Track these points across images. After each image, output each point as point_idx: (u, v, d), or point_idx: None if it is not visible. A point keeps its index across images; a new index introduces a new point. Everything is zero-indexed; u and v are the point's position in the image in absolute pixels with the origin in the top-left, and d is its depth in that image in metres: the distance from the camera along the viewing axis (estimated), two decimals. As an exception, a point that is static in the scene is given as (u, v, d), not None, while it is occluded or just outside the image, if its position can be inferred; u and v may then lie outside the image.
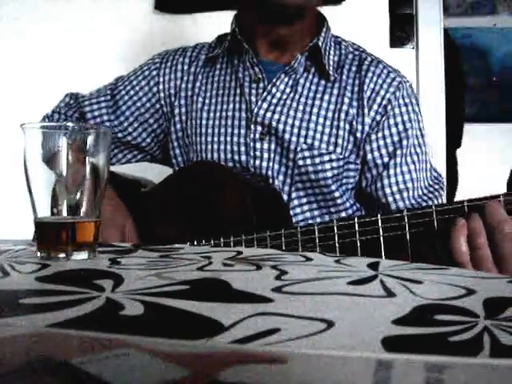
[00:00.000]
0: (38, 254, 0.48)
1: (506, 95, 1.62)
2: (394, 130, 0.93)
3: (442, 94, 1.61)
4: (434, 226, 0.67)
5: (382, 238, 0.70)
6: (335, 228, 0.73)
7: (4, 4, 1.56)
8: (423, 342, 0.25)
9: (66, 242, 0.48)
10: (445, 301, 0.32)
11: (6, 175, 1.41)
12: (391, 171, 0.92)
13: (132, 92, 1.03)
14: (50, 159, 0.50)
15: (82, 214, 0.50)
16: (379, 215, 0.71)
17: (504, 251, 0.62)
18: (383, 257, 0.70)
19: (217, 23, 1.51)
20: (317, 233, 0.73)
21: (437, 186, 0.96)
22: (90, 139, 0.50)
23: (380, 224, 0.70)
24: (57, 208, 0.49)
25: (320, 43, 0.94)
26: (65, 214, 0.49)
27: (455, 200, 0.69)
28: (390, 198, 0.92)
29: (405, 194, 0.92)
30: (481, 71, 1.62)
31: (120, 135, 1.04)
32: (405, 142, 0.93)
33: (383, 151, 0.93)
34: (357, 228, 0.71)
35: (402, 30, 1.61)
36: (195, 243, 0.81)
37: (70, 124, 0.51)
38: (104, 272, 0.41)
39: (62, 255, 0.48)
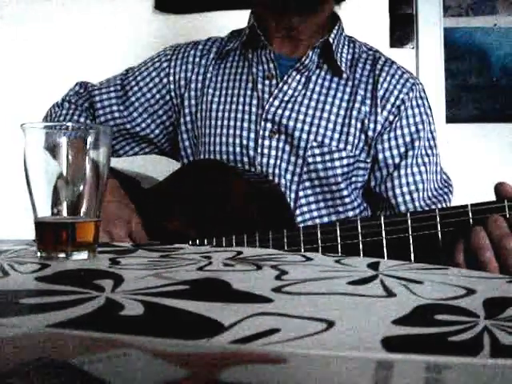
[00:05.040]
0: (38, 254, 0.48)
1: (506, 95, 1.62)
2: (406, 130, 0.93)
3: (442, 94, 1.61)
4: (438, 229, 0.67)
5: (384, 241, 0.70)
6: (338, 230, 0.72)
7: (6, 5, 1.55)
8: (423, 342, 0.25)
9: (65, 242, 0.48)
10: (445, 301, 0.32)
11: (6, 175, 1.41)
12: (402, 172, 0.92)
13: (142, 83, 1.03)
14: (53, 153, 0.50)
15: (81, 214, 0.50)
16: (382, 218, 0.71)
17: (510, 265, 0.62)
18: (386, 259, 0.70)
19: (217, 23, 1.51)
20: (319, 234, 0.73)
21: (446, 190, 0.96)
22: (91, 138, 0.50)
23: (383, 227, 0.70)
24: (57, 208, 0.49)
25: (331, 39, 0.94)
26: (65, 214, 0.49)
27: (459, 204, 0.69)
28: (400, 199, 0.91)
29: (415, 195, 0.91)
30: (481, 71, 1.62)
31: (128, 126, 1.03)
32: (416, 144, 0.93)
33: (395, 151, 0.93)
34: (359, 230, 0.71)
35: (402, 30, 1.61)
36: (197, 242, 0.81)
37: (70, 124, 0.51)
38: (104, 272, 0.41)
39: (62, 255, 0.48)
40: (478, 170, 1.55)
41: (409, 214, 0.69)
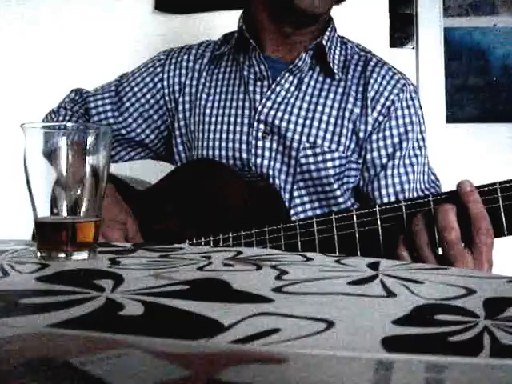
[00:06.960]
0: (38, 254, 0.48)
1: (506, 95, 1.62)
2: (394, 131, 0.93)
3: (442, 94, 1.61)
4: (432, 215, 0.67)
5: (380, 229, 0.71)
6: (334, 220, 0.73)
7: (7, 5, 1.56)
8: (423, 342, 0.25)
9: (66, 242, 0.48)
10: (445, 301, 0.32)
11: (6, 175, 1.41)
12: (388, 172, 0.93)
13: (136, 88, 1.03)
14: (50, 158, 0.50)
15: (81, 214, 0.50)
16: (377, 206, 0.71)
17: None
18: (381, 247, 0.71)
19: (217, 23, 1.51)
20: (315, 225, 0.74)
21: (433, 190, 0.95)
22: (90, 139, 0.50)
23: (378, 215, 0.71)
24: (57, 208, 0.49)
25: (324, 42, 0.94)
26: (65, 213, 0.49)
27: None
28: (385, 200, 0.92)
29: (400, 196, 0.92)
30: (481, 71, 1.62)
31: (124, 131, 1.04)
32: (404, 145, 0.93)
33: (382, 152, 0.93)
34: (355, 220, 0.72)
35: (402, 30, 1.61)
36: (194, 241, 0.81)
37: (69, 124, 0.51)
38: (104, 272, 0.41)
39: (62, 255, 0.48)
40: (477, 169, 1.55)
41: (403, 202, 0.70)
